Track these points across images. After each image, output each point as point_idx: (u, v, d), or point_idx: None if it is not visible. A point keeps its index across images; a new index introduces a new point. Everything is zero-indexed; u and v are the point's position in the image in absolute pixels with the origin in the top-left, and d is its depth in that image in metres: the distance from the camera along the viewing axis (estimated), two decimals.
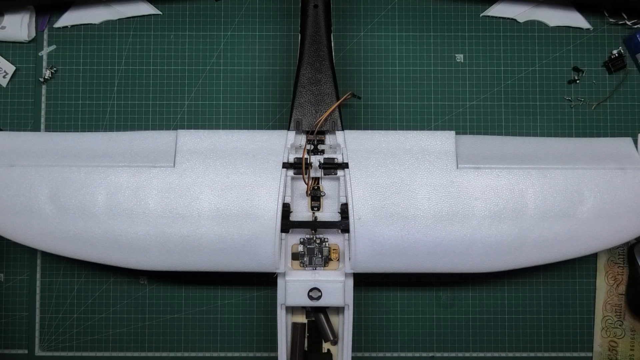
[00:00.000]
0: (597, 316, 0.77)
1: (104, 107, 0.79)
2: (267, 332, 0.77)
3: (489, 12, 0.79)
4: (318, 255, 0.67)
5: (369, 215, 0.65)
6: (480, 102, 0.79)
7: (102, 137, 0.70)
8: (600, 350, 0.77)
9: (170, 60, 0.79)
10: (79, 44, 0.79)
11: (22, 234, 0.68)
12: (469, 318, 0.77)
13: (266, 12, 0.80)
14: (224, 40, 0.79)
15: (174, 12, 0.80)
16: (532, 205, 0.66)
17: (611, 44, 0.79)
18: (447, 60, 0.79)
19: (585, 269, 0.78)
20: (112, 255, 0.67)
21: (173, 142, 0.69)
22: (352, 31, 0.79)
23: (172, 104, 0.79)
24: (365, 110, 0.79)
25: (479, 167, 0.67)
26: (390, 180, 0.66)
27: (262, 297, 0.78)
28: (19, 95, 0.79)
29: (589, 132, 0.78)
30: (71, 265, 0.78)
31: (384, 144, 0.68)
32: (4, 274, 0.78)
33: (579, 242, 0.67)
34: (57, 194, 0.67)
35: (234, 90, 0.79)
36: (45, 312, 0.78)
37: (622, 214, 0.67)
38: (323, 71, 0.69)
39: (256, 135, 0.69)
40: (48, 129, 0.79)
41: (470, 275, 0.71)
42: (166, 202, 0.66)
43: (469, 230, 0.66)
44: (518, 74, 0.79)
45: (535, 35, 0.79)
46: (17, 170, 0.67)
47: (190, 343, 0.77)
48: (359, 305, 0.76)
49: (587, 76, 0.79)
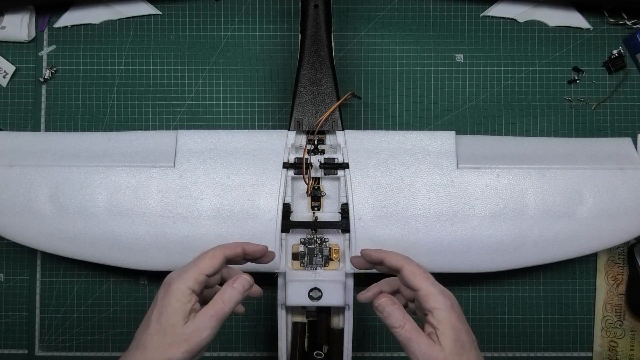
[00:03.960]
0: (597, 316, 0.77)
1: (104, 107, 0.79)
2: (267, 332, 0.77)
3: (489, 12, 0.79)
4: (318, 255, 0.67)
5: (369, 215, 0.65)
6: (480, 102, 0.79)
7: (102, 137, 0.70)
8: (600, 350, 0.77)
9: (170, 60, 0.79)
10: (79, 44, 0.79)
11: (22, 234, 0.68)
12: (469, 318, 0.77)
13: (266, 12, 0.80)
14: (224, 40, 0.79)
15: (174, 12, 0.80)
16: (532, 205, 0.66)
17: (611, 44, 0.79)
18: (447, 60, 0.79)
19: (585, 269, 0.78)
20: (112, 255, 0.67)
21: (173, 142, 0.69)
22: (352, 31, 0.80)
23: (172, 104, 0.79)
24: (365, 110, 0.79)
25: (479, 167, 0.67)
26: (391, 180, 0.66)
27: (262, 297, 0.77)
28: (19, 95, 0.79)
29: (589, 132, 0.78)
30: (71, 265, 0.78)
31: (384, 144, 0.68)
32: (4, 274, 0.78)
33: (579, 242, 0.67)
34: (57, 194, 0.67)
35: (234, 90, 0.79)
36: (45, 312, 0.78)
37: (622, 214, 0.67)
38: (323, 71, 0.69)
39: (256, 135, 0.69)
40: (48, 129, 0.79)
41: (470, 275, 0.71)
42: (166, 202, 0.66)
43: (469, 230, 0.66)
44: (518, 74, 0.79)
45: (535, 35, 0.79)
46: (16, 170, 0.67)
47: None
48: (359, 305, 0.76)
49: (587, 76, 0.79)
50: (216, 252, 0.52)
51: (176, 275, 0.50)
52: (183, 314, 0.48)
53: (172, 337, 0.48)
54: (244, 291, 0.52)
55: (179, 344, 0.47)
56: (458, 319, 0.50)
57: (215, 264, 0.52)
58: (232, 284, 0.51)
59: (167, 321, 0.48)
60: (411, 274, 0.52)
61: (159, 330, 0.48)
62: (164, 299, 0.49)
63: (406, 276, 0.52)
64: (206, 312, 0.49)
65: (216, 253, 0.52)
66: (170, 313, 0.48)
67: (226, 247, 0.53)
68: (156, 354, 0.47)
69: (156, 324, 0.48)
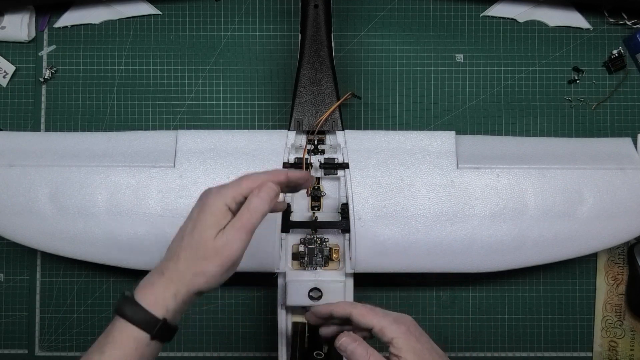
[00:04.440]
0: (597, 316, 0.77)
1: (104, 107, 0.79)
2: (267, 332, 0.77)
3: (489, 12, 0.79)
4: (318, 255, 0.67)
5: (369, 215, 0.65)
6: (480, 102, 0.79)
7: (102, 137, 0.70)
8: (600, 350, 0.77)
9: (170, 60, 0.79)
10: (79, 44, 0.79)
11: (22, 234, 0.68)
12: (469, 318, 0.77)
13: (266, 12, 0.80)
14: (224, 40, 0.79)
15: (174, 12, 0.80)
16: (532, 205, 0.66)
17: (611, 44, 0.79)
18: (447, 60, 0.79)
19: (585, 269, 0.78)
20: (112, 255, 0.67)
21: (173, 142, 0.69)
22: (352, 31, 0.80)
23: (172, 104, 0.79)
24: (365, 110, 0.79)
25: (479, 167, 0.67)
26: (391, 180, 0.66)
27: (262, 297, 0.78)
28: (19, 95, 0.79)
29: (589, 132, 0.78)
30: (71, 265, 0.78)
31: (384, 144, 0.68)
32: (4, 274, 0.78)
33: (579, 242, 0.67)
34: (57, 194, 0.66)
35: (234, 90, 0.79)
36: (45, 312, 0.78)
37: (622, 214, 0.67)
38: (323, 71, 0.69)
39: (256, 135, 0.69)
40: (48, 129, 0.79)
41: (470, 275, 0.71)
42: (166, 202, 0.66)
43: (469, 230, 0.66)
44: (518, 74, 0.79)
45: (535, 35, 0.79)
46: (16, 170, 0.67)
47: (190, 343, 0.77)
48: None
49: (587, 76, 0.79)
50: (260, 177, 0.51)
51: (215, 190, 0.50)
52: (217, 228, 0.48)
53: (205, 251, 0.48)
54: (269, 200, 0.50)
55: (211, 258, 0.48)
56: (417, 340, 0.50)
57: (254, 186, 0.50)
58: (257, 194, 0.50)
59: (200, 235, 0.48)
60: (360, 316, 0.52)
61: (192, 244, 0.48)
62: (199, 213, 0.49)
63: (357, 320, 0.52)
64: (234, 225, 0.49)
65: (260, 177, 0.51)
66: (204, 227, 0.48)
67: (270, 174, 0.51)
68: (189, 265, 0.48)
69: (189, 237, 0.49)
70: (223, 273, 0.49)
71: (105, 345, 0.46)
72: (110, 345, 0.46)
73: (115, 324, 0.47)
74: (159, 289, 0.48)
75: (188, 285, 0.48)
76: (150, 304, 0.47)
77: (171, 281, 0.48)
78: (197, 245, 0.48)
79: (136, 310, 0.47)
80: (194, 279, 0.48)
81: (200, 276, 0.48)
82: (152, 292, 0.47)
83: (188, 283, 0.48)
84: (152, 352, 0.48)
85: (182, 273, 0.48)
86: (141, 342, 0.47)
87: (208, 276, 0.48)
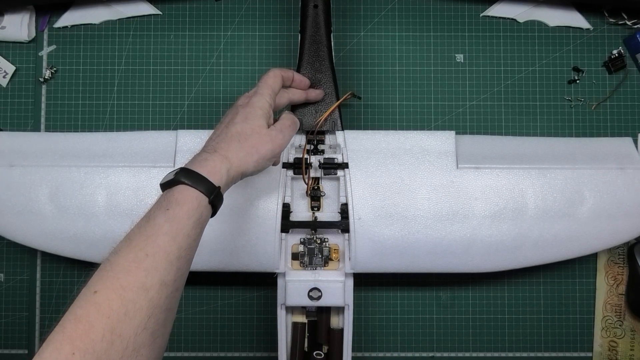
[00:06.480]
0: (597, 316, 0.77)
1: (104, 107, 0.79)
2: (267, 332, 0.77)
3: (489, 12, 0.79)
4: (318, 255, 0.67)
5: (369, 215, 0.65)
6: (480, 102, 0.79)
7: (102, 137, 0.70)
8: (600, 350, 0.77)
9: (170, 60, 0.79)
10: (79, 44, 0.79)
11: (22, 234, 0.68)
12: (469, 318, 0.77)
13: (266, 12, 0.80)
14: (224, 40, 0.79)
15: (174, 12, 0.80)
16: (532, 205, 0.66)
17: (611, 44, 0.79)
18: (447, 60, 0.79)
19: (585, 269, 0.78)
20: None
21: (173, 142, 0.69)
22: (352, 31, 0.79)
23: (172, 104, 0.79)
24: (365, 110, 0.79)
25: (479, 167, 0.67)
26: (390, 180, 0.66)
27: (262, 297, 0.78)
28: (19, 95, 0.79)
29: (589, 132, 0.78)
30: (71, 265, 0.78)
31: (384, 144, 0.68)
32: (4, 274, 0.78)
33: (579, 242, 0.67)
34: (57, 194, 0.67)
35: (234, 90, 0.79)
36: (45, 312, 0.78)
37: (622, 214, 0.67)
38: (323, 71, 0.69)
39: None
40: (48, 129, 0.79)
41: (470, 275, 0.71)
42: None
43: (469, 230, 0.66)
44: (518, 74, 0.79)
45: (535, 35, 0.79)
46: (17, 170, 0.67)
47: (190, 343, 0.77)
48: (359, 305, 0.76)
49: (587, 76, 0.79)
50: (275, 72, 0.61)
51: (252, 93, 0.59)
52: (266, 119, 0.56)
53: (259, 136, 0.55)
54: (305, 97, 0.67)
55: (266, 143, 0.55)
56: None
57: (278, 81, 0.60)
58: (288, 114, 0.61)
59: (253, 123, 0.55)
60: None
61: (245, 130, 0.55)
62: (248, 107, 0.56)
63: None
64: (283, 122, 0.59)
65: (275, 72, 0.61)
66: (256, 118, 0.56)
67: (280, 69, 0.62)
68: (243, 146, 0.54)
69: (242, 125, 0.55)
70: (271, 158, 0.56)
71: (169, 204, 0.48)
72: (173, 203, 0.48)
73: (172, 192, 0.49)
74: (215, 163, 0.52)
75: (240, 162, 0.53)
76: (207, 173, 0.50)
77: (225, 158, 0.52)
78: (251, 132, 0.55)
79: (196, 178, 0.50)
80: (246, 157, 0.53)
81: (254, 155, 0.54)
82: (207, 165, 0.51)
83: (240, 161, 0.53)
84: (206, 217, 0.51)
85: (236, 152, 0.53)
86: (202, 202, 0.49)
87: (259, 157, 0.54)
